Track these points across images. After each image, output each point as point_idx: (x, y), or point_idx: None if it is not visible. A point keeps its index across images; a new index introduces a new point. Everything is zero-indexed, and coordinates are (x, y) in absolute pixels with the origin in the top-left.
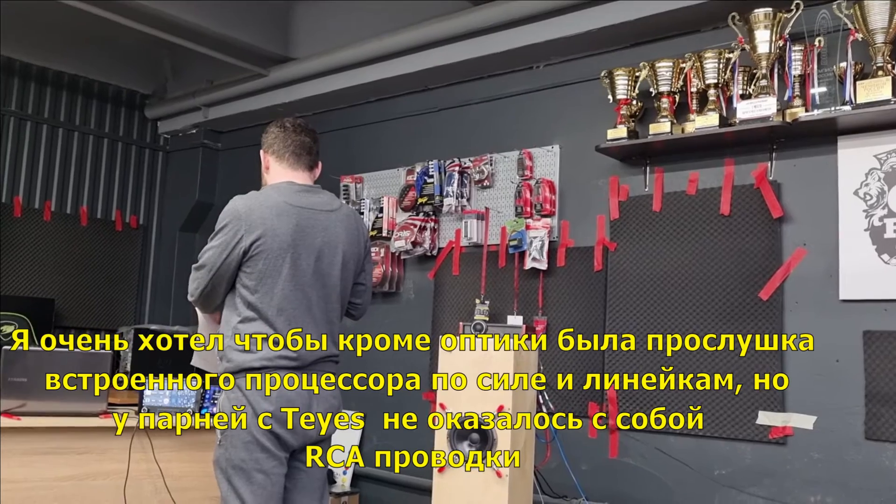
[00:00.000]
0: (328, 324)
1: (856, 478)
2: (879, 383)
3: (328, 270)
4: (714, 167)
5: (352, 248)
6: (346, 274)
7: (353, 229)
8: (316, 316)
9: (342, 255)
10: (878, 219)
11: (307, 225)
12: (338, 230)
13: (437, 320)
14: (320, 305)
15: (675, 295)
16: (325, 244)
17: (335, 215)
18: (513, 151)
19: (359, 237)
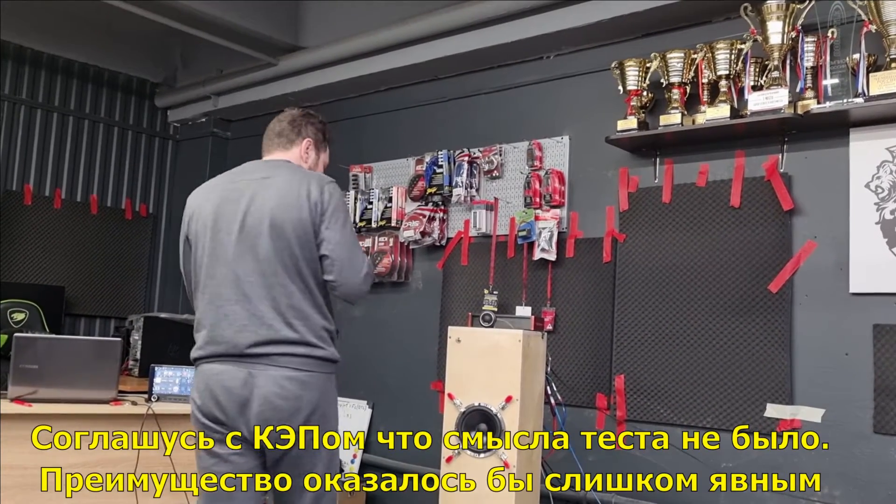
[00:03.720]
0: (273, 302)
1: (864, 471)
2: (889, 377)
3: (255, 241)
4: (724, 159)
5: (286, 212)
6: (283, 243)
7: (289, 193)
8: (250, 294)
9: (269, 220)
10: (889, 212)
11: (230, 197)
12: (267, 195)
13: (446, 310)
14: (257, 282)
15: (684, 287)
16: (248, 213)
17: (269, 181)
18: (522, 142)
19: (298, 200)
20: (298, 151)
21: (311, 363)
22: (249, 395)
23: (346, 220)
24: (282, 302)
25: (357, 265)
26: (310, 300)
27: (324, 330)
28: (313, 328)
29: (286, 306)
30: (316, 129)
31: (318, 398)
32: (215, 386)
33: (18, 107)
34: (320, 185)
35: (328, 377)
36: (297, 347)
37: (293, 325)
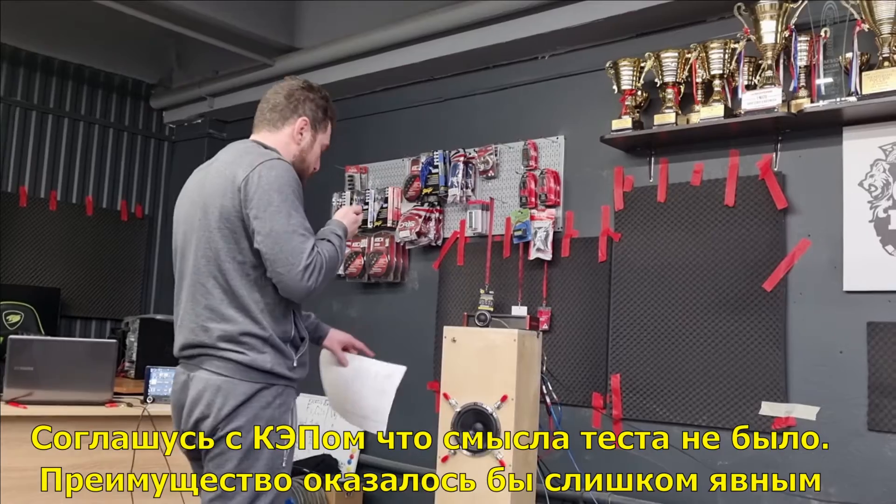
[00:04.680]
0: (195, 303)
1: (859, 468)
2: (883, 374)
3: (191, 236)
4: (719, 158)
5: (213, 201)
6: (206, 236)
7: (219, 178)
8: (186, 294)
9: (201, 211)
10: (882, 210)
11: (188, 189)
12: (206, 182)
13: (442, 310)
14: (189, 280)
15: (679, 286)
16: (193, 205)
17: (214, 166)
18: (518, 142)
19: (224, 186)
20: (291, 132)
21: (229, 368)
22: (183, 401)
23: (281, 203)
24: (200, 302)
25: (292, 258)
26: (231, 301)
27: (249, 336)
28: (229, 333)
29: (203, 307)
30: (315, 105)
31: (231, 409)
32: (172, 389)
33: (14, 108)
34: (251, 165)
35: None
36: (213, 350)
37: (208, 328)
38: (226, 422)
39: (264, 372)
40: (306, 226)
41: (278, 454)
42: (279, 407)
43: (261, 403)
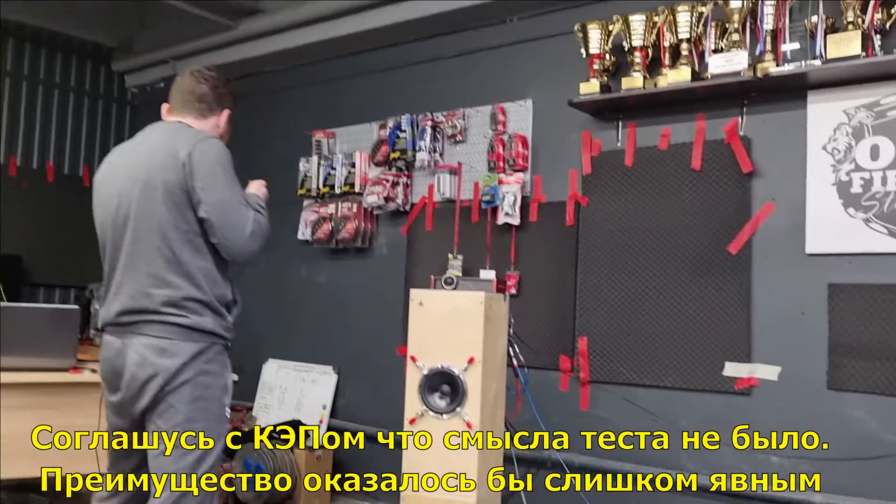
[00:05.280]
0: (136, 270)
1: (818, 426)
2: (842, 335)
3: (129, 207)
4: (686, 122)
5: (157, 174)
6: (151, 208)
7: (162, 154)
8: (122, 262)
9: (142, 184)
10: (845, 173)
11: (117, 163)
12: (141, 160)
13: (411, 275)
14: (128, 249)
15: (645, 249)
16: (130, 180)
17: (152, 143)
18: (486, 106)
19: (168, 161)
20: (216, 121)
21: (172, 331)
22: (122, 366)
23: (224, 176)
24: (141, 270)
25: (239, 225)
26: (175, 268)
27: (191, 300)
28: (174, 298)
29: (145, 275)
30: (233, 98)
31: (178, 366)
32: (102, 357)
33: None
34: (193, 143)
35: (200, 347)
36: (155, 315)
37: (150, 294)
38: (174, 378)
39: (206, 332)
40: (245, 196)
41: (221, 405)
42: (219, 363)
43: (204, 360)
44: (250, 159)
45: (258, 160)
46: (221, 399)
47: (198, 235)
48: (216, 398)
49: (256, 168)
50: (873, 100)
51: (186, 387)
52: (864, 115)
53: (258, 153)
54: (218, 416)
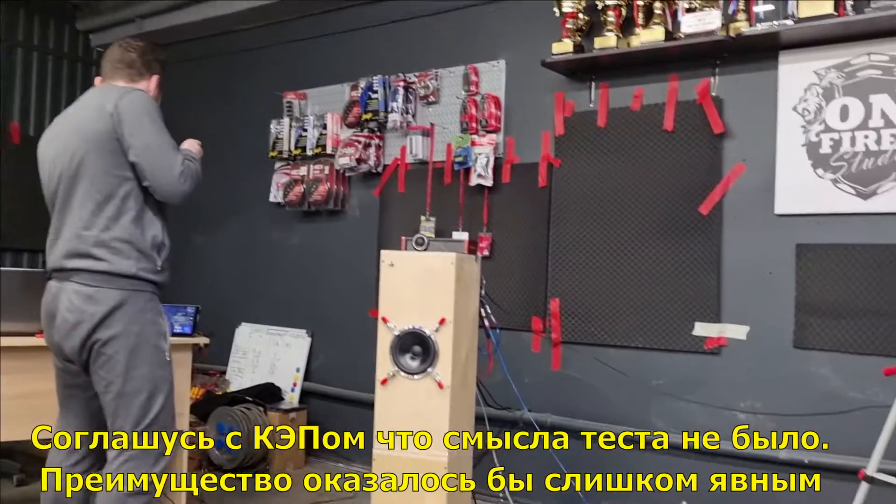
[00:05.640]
0: (69, 216)
1: (784, 384)
2: (809, 294)
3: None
4: (659, 83)
5: (87, 125)
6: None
7: (92, 108)
8: (59, 209)
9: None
10: (814, 134)
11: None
12: (74, 119)
13: (384, 237)
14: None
15: (618, 210)
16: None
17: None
18: (458, 67)
19: (97, 113)
20: (145, 86)
21: (98, 278)
22: (56, 310)
23: (151, 124)
24: (77, 213)
25: (168, 165)
26: (105, 209)
27: (119, 241)
28: (103, 238)
29: (79, 217)
30: (161, 66)
31: (103, 313)
32: (42, 301)
33: None
34: (119, 95)
35: (126, 294)
36: (83, 261)
37: (82, 236)
38: (102, 328)
39: (129, 277)
40: (174, 143)
41: (160, 351)
42: (151, 311)
43: (134, 309)
44: (220, 121)
45: (228, 121)
46: (158, 344)
47: (129, 180)
48: (152, 344)
49: (226, 129)
50: (844, 60)
51: (121, 338)
52: (835, 76)
53: (228, 114)
54: (158, 361)
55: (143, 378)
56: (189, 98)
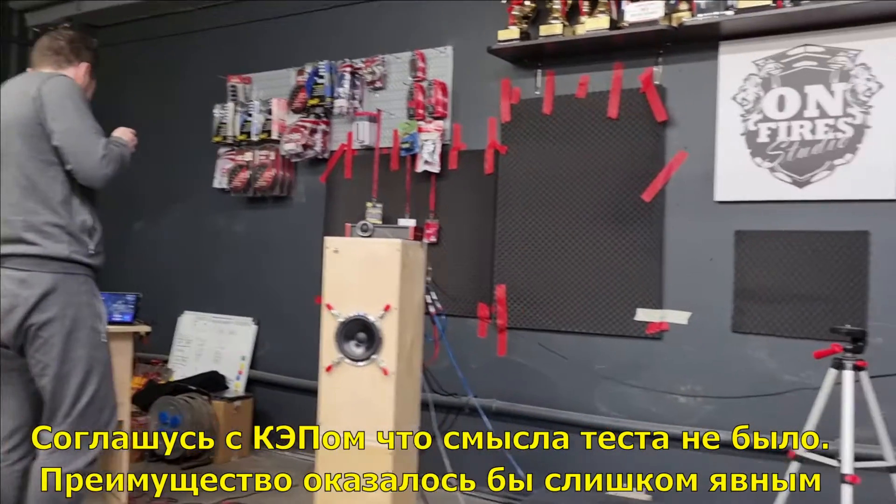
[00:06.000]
0: (9, 202)
1: (723, 367)
2: (747, 280)
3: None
4: (603, 71)
5: (13, 111)
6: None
7: (17, 94)
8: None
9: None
10: (753, 123)
11: None
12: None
13: (330, 224)
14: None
15: (563, 197)
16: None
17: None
18: (405, 52)
19: (20, 99)
20: (74, 72)
21: (30, 262)
22: None
23: (74, 108)
24: (4, 200)
25: (89, 149)
26: (32, 195)
27: (49, 225)
28: (33, 222)
29: (7, 204)
30: (93, 55)
31: (37, 297)
32: None
33: None
34: (42, 80)
35: (59, 277)
36: (15, 246)
37: (10, 223)
38: (37, 312)
39: (62, 260)
40: (97, 127)
41: (96, 332)
42: (86, 293)
43: (68, 291)
44: (162, 104)
45: (170, 105)
46: (95, 326)
47: (53, 164)
48: (88, 326)
49: (168, 113)
50: (781, 51)
51: (56, 321)
52: (773, 67)
53: (170, 98)
54: (94, 343)
55: (80, 360)
56: (130, 81)
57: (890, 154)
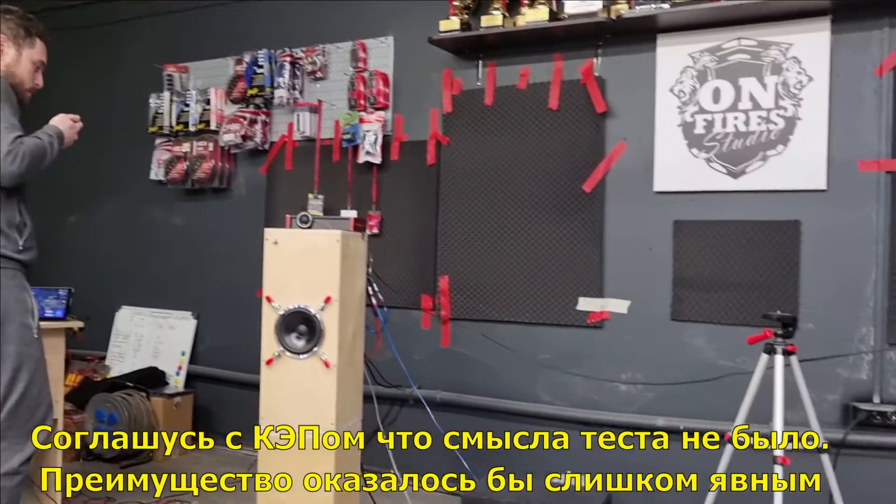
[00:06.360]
0: None
1: (663, 355)
2: (685, 269)
3: None
4: (544, 62)
5: None
6: None
7: None
8: None
9: None
10: (689, 115)
11: None
12: None
13: (271, 216)
14: None
15: (504, 188)
16: None
17: None
18: (346, 42)
19: None
20: None
21: None
22: None
23: None
24: None
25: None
26: None
27: None
28: None
29: None
30: (14, 23)
31: None
32: None
33: None
34: None
35: None
36: None
37: None
38: None
39: None
40: (12, 121)
41: (27, 328)
42: (16, 288)
43: None
44: (96, 94)
45: (104, 95)
46: (25, 321)
47: None
48: (18, 321)
49: (103, 103)
50: (716, 44)
51: None
52: (708, 59)
53: (104, 87)
54: (25, 338)
55: (9, 356)
56: (62, 70)
57: (819, 145)
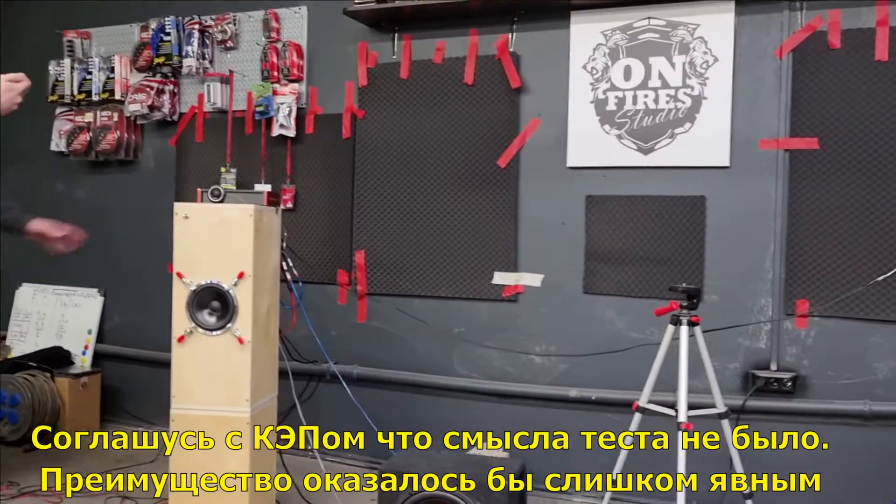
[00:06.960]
0: None
1: (575, 327)
2: (597, 243)
3: None
4: (460, 37)
5: None
6: None
7: None
8: None
9: None
10: (602, 92)
11: None
12: None
13: (182, 190)
14: None
15: (420, 163)
16: None
17: None
18: (258, 11)
19: None
20: None
21: None
22: None
23: None
24: None
25: None
26: None
27: None
28: None
29: None
30: None
31: None
32: None
33: None
34: None
35: None
36: None
37: None
38: None
39: None
40: None
41: None
42: None
43: None
44: None
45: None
46: None
47: None
48: None
49: None
50: (627, 23)
51: None
52: (620, 38)
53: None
54: None
55: None
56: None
57: (724, 124)
